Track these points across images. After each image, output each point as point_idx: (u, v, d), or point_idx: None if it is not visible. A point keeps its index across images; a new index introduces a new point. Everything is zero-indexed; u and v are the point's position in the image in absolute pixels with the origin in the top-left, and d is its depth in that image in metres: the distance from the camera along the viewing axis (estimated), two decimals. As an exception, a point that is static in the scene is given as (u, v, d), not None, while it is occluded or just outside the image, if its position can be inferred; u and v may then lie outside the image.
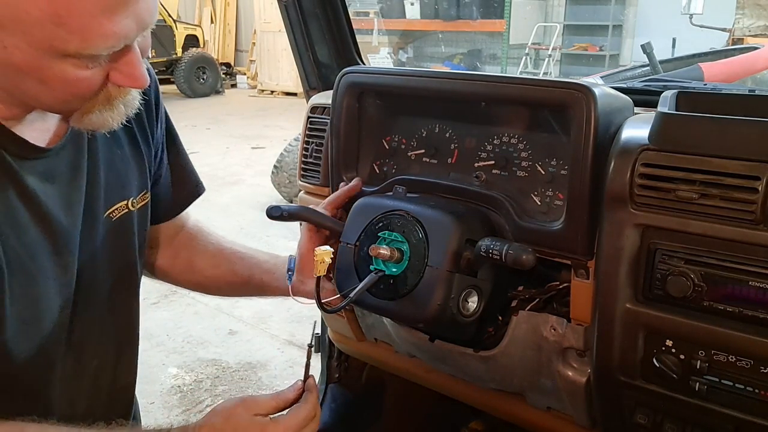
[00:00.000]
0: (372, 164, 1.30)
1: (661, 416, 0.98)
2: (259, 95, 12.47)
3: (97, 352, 1.04)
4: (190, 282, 1.27)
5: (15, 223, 0.85)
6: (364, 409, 1.74)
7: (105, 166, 0.98)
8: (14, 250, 0.84)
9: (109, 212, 1.00)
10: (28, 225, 0.86)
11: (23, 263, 0.86)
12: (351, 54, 1.59)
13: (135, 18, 0.74)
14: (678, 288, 0.89)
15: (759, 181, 0.82)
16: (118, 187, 1.01)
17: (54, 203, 0.89)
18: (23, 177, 0.85)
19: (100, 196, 0.97)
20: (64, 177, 0.92)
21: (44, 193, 0.88)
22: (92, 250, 0.97)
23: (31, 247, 0.87)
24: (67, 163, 0.92)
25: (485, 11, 11.61)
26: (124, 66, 0.79)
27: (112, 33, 0.73)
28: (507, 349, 1.12)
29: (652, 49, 2.42)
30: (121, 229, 1.02)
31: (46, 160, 0.89)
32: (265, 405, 0.92)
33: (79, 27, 0.70)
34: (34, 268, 0.88)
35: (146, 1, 0.75)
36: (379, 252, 1.02)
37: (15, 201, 0.85)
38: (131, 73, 0.80)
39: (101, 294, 1.02)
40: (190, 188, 1.22)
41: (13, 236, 0.84)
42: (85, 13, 0.70)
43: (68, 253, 0.93)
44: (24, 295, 0.87)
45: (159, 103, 1.10)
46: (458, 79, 1.15)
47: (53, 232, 0.89)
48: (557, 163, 1.07)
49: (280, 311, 3.59)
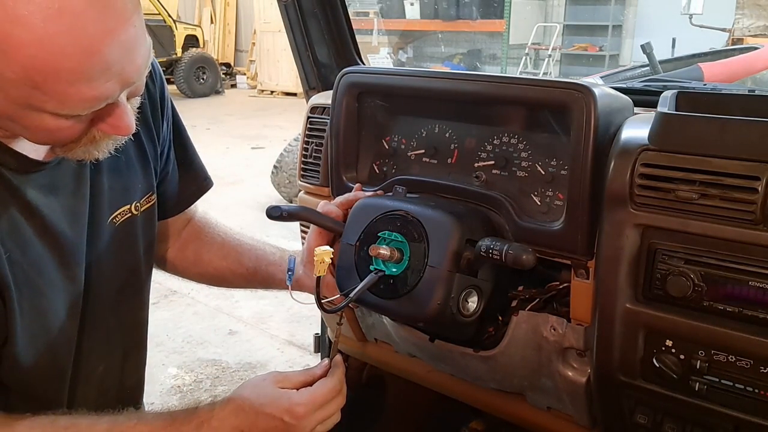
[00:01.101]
0: (372, 164, 1.30)
1: (661, 416, 0.98)
2: (259, 95, 12.47)
3: (103, 357, 1.04)
4: (198, 274, 1.27)
5: (19, 238, 0.84)
6: (364, 409, 1.74)
7: (108, 173, 0.97)
8: (20, 266, 0.84)
9: (113, 217, 1.00)
10: (33, 240, 0.86)
11: (30, 279, 0.86)
12: (351, 54, 1.59)
13: (119, 80, 0.71)
14: (678, 288, 0.89)
15: (759, 181, 0.82)
16: (122, 191, 1.01)
17: (57, 216, 0.89)
18: (24, 191, 0.84)
19: (104, 203, 0.97)
20: (67, 188, 0.91)
21: (47, 206, 0.87)
22: (97, 257, 0.97)
23: (37, 262, 0.87)
24: (70, 174, 0.91)
25: (485, 11, 11.61)
26: (108, 116, 0.77)
27: (92, 97, 0.70)
28: (507, 349, 1.12)
29: (651, 49, 2.42)
30: (125, 233, 1.02)
31: (47, 173, 0.88)
32: (293, 379, 0.94)
33: (55, 92, 0.68)
34: (42, 283, 0.88)
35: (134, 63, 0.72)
36: (379, 252, 1.02)
37: (17, 216, 0.84)
38: (116, 125, 0.77)
39: (107, 299, 1.02)
40: (198, 183, 1.22)
41: (18, 252, 0.84)
42: (62, 80, 0.67)
43: (75, 264, 0.93)
44: (32, 308, 0.87)
45: (165, 100, 1.10)
46: (458, 79, 1.15)
47: (58, 245, 0.89)
48: (557, 163, 1.07)
49: (280, 311, 3.59)
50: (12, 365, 0.86)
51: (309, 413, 0.91)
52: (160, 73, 1.06)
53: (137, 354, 1.13)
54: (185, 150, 1.19)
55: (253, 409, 0.90)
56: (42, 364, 0.91)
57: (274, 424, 0.89)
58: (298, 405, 0.90)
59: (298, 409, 0.90)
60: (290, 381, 0.93)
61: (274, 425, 0.89)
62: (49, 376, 0.94)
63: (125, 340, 1.09)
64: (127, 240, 1.03)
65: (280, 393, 0.91)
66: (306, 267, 1.15)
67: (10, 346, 0.85)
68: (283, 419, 0.89)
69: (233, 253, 1.24)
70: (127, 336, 1.10)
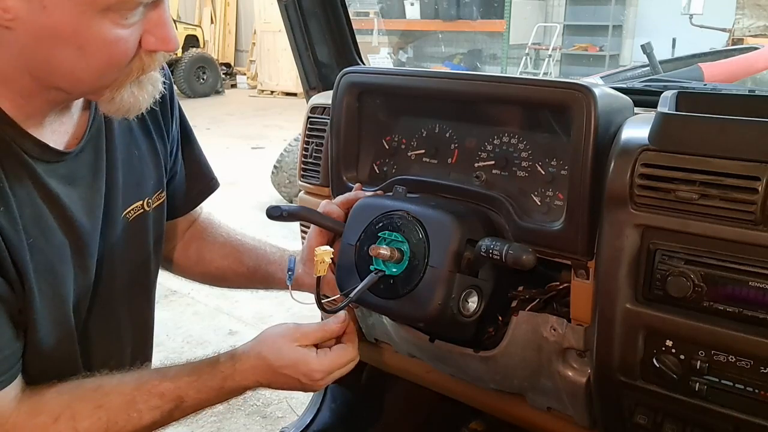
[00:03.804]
0: (372, 164, 1.30)
1: (661, 416, 0.98)
2: (259, 95, 12.46)
3: (113, 353, 1.05)
4: (200, 274, 1.27)
5: (42, 225, 0.85)
6: (364, 409, 1.74)
7: (123, 167, 0.99)
8: (42, 253, 0.85)
9: (126, 212, 1.01)
10: (54, 228, 0.87)
11: (52, 266, 0.87)
12: (351, 54, 1.59)
13: None
14: (678, 288, 0.89)
15: (759, 181, 0.82)
16: (135, 187, 1.02)
17: (76, 206, 0.90)
18: (47, 181, 0.86)
19: (118, 198, 0.98)
20: (84, 180, 0.92)
21: (67, 197, 0.88)
22: (110, 251, 0.98)
23: (59, 250, 0.88)
24: (87, 166, 0.93)
25: (485, 11, 11.60)
26: (156, 28, 0.80)
27: None
28: (507, 349, 1.12)
29: (652, 49, 2.42)
30: (137, 229, 1.03)
31: (67, 164, 0.89)
32: (311, 336, 0.97)
33: None
34: (63, 271, 0.89)
35: None
36: (379, 252, 1.02)
37: (40, 204, 0.85)
38: (164, 35, 0.81)
39: (117, 294, 1.02)
40: (204, 184, 1.23)
41: (41, 239, 0.85)
42: None
43: (89, 255, 0.93)
44: (55, 296, 0.88)
45: (174, 100, 1.11)
46: (458, 79, 1.15)
47: (76, 235, 0.90)
48: (557, 163, 1.07)
49: (280, 311, 3.58)
50: (35, 352, 0.88)
51: (325, 377, 0.97)
52: (168, 73, 1.07)
53: (143, 354, 1.14)
54: (192, 150, 1.20)
55: (272, 369, 0.95)
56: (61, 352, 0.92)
57: (292, 381, 0.96)
58: (316, 371, 0.96)
59: (315, 374, 0.96)
60: (308, 338, 0.97)
61: (291, 382, 0.96)
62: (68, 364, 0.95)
63: (134, 338, 1.10)
64: (139, 236, 1.04)
65: (299, 355, 0.95)
66: (306, 267, 1.16)
67: (33, 332, 0.86)
68: (300, 380, 0.96)
69: (234, 252, 1.25)
70: (135, 333, 1.10)
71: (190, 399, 0.93)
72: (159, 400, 0.91)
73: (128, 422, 0.89)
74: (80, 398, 0.88)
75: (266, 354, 0.95)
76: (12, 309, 0.83)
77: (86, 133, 0.92)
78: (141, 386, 0.91)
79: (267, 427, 2.51)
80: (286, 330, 0.98)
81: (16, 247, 0.81)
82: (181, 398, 0.92)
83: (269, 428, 2.51)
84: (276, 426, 2.51)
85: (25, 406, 0.85)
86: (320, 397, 1.71)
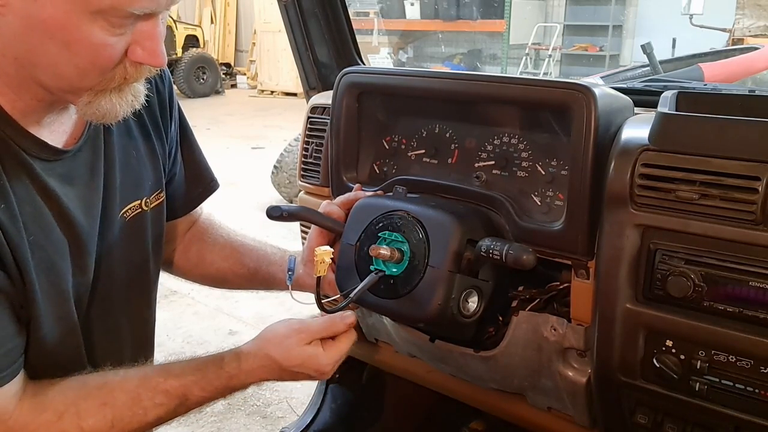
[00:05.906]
0: (372, 164, 1.31)
1: (661, 416, 0.98)
2: (259, 95, 12.46)
3: (112, 351, 1.05)
4: (200, 275, 1.27)
5: (42, 222, 0.86)
6: (364, 409, 1.74)
7: (121, 168, 0.99)
8: (43, 249, 0.85)
9: (123, 212, 1.01)
10: (53, 225, 0.87)
11: (53, 262, 0.87)
12: (351, 54, 1.59)
13: None
14: (678, 288, 0.89)
15: (759, 181, 0.82)
16: (133, 186, 1.02)
17: (74, 205, 0.90)
18: (45, 178, 0.86)
19: (115, 197, 0.98)
20: (82, 179, 0.93)
21: (65, 195, 0.89)
22: (107, 250, 0.98)
23: (59, 247, 0.88)
24: (85, 165, 0.93)
25: (485, 11, 11.60)
26: (145, 40, 0.79)
27: None
28: (507, 349, 1.12)
29: (652, 49, 2.42)
30: (134, 228, 1.03)
31: (65, 162, 0.89)
32: (318, 334, 0.98)
33: None
34: (63, 267, 0.89)
35: None
36: (379, 252, 1.02)
37: (40, 202, 0.86)
38: (152, 49, 0.80)
39: (115, 294, 1.02)
40: (204, 185, 1.23)
41: (41, 235, 0.85)
42: None
43: (87, 254, 0.94)
44: (57, 293, 0.89)
45: (173, 101, 1.11)
46: (458, 79, 1.15)
47: (75, 234, 0.90)
48: (557, 164, 1.07)
49: (280, 311, 3.58)
50: (39, 348, 0.88)
51: (334, 366, 0.99)
52: (168, 74, 1.07)
53: (144, 353, 1.14)
54: (192, 151, 1.19)
55: (281, 368, 0.96)
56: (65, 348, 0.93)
57: (302, 377, 0.98)
58: (325, 365, 0.97)
59: (325, 368, 0.97)
60: (314, 336, 0.97)
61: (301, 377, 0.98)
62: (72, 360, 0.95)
63: (133, 337, 1.10)
64: (137, 236, 1.04)
65: (308, 354, 0.96)
66: (306, 267, 1.16)
67: (36, 328, 0.87)
68: (310, 375, 0.98)
69: (235, 253, 1.25)
70: (134, 333, 1.10)
71: (194, 396, 0.94)
72: (164, 398, 0.91)
73: (133, 419, 0.89)
74: (85, 396, 0.88)
75: (274, 354, 0.95)
76: (14, 304, 0.83)
77: (84, 133, 0.92)
78: (145, 383, 0.91)
79: (267, 427, 2.51)
80: (290, 329, 0.97)
81: (17, 244, 0.81)
82: (186, 396, 0.93)
83: (269, 428, 2.51)
84: (276, 426, 2.51)
85: (28, 403, 0.85)
86: (320, 397, 1.71)
